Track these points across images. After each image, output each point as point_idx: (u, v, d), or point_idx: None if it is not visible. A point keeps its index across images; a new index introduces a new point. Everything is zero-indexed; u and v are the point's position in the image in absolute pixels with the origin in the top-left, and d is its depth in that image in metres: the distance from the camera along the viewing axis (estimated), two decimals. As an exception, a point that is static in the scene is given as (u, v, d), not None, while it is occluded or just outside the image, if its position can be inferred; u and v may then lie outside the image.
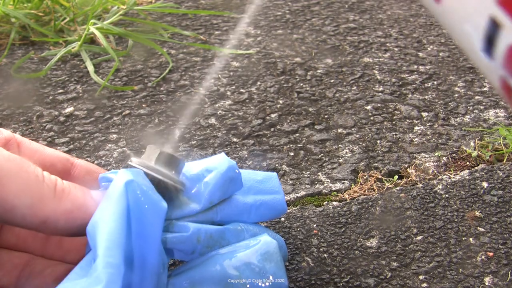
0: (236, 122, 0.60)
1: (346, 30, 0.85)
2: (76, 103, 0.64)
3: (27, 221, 0.26)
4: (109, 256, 0.25)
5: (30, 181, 0.26)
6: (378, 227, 0.44)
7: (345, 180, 0.50)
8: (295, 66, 0.73)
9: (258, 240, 0.32)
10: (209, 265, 0.31)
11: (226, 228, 0.34)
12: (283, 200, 0.38)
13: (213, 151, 0.55)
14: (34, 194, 0.26)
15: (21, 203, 0.25)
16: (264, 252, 0.32)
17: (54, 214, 0.26)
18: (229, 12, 0.91)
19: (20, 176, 0.26)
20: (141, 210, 0.27)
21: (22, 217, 0.26)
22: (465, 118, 0.61)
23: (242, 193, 0.36)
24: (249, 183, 0.37)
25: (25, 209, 0.26)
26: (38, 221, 0.26)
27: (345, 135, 0.58)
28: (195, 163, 0.36)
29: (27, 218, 0.26)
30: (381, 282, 0.39)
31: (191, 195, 0.33)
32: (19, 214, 0.26)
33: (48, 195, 0.26)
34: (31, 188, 0.26)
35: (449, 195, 0.48)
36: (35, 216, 0.26)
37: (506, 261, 0.41)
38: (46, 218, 0.26)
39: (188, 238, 0.31)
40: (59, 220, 0.27)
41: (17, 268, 0.31)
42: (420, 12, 0.92)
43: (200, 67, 0.73)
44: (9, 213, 0.25)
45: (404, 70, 0.72)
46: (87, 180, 0.33)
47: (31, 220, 0.26)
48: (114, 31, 0.79)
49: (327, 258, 0.41)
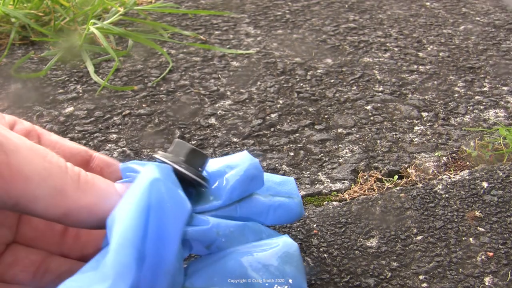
0: (236, 122, 0.60)
1: (346, 30, 0.85)
2: (76, 103, 0.64)
3: (49, 212, 0.25)
4: (121, 253, 0.24)
5: (53, 171, 0.25)
6: (378, 227, 0.44)
7: (345, 180, 0.50)
8: (295, 66, 0.73)
9: (278, 242, 0.32)
10: (228, 262, 0.30)
11: (245, 224, 0.33)
12: (300, 204, 0.38)
13: (213, 151, 0.55)
14: (57, 185, 0.25)
15: (44, 193, 0.25)
16: (284, 254, 0.31)
17: (77, 205, 0.26)
18: (229, 12, 0.91)
19: (43, 166, 0.25)
20: (163, 209, 0.26)
21: (44, 208, 0.25)
22: (465, 118, 0.61)
23: (262, 192, 0.36)
24: (268, 184, 0.37)
25: (48, 199, 0.25)
26: (60, 212, 0.26)
27: (345, 135, 0.58)
28: (217, 160, 0.35)
29: (49, 209, 0.25)
30: (381, 282, 0.39)
31: (212, 190, 0.33)
32: (41, 204, 0.25)
33: (71, 186, 0.26)
34: (54, 179, 0.25)
35: (449, 195, 0.48)
36: (57, 207, 0.25)
37: (506, 261, 0.41)
38: (68, 210, 0.26)
39: (208, 230, 0.31)
40: (82, 212, 0.26)
41: (34, 264, 0.30)
42: (420, 12, 0.92)
43: (200, 67, 0.73)
44: (31, 204, 0.25)
45: (404, 70, 0.72)
46: (106, 173, 0.33)
47: (53, 212, 0.25)
48: (114, 31, 0.79)
49: (327, 258, 0.41)
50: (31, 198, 0.25)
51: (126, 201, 0.26)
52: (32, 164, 0.25)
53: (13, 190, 0.24)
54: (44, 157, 0.25)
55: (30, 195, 0.24)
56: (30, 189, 0.24)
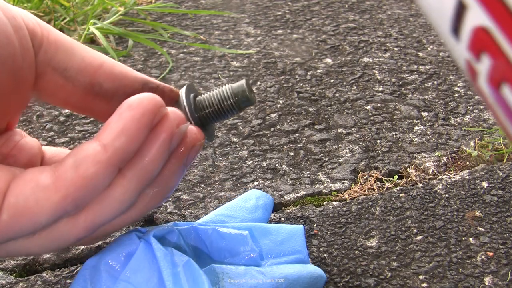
0: (236, 122, 0.60)
1: (346, 30, 0.85)
2: (76, 103, 0.64)
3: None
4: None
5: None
6: (378, 227, 0.44)
7: (345, 180, 0.50)
8: (295, 66, 0.73)
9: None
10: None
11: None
12: (314, 268, 0.36)
13: (213, 151, 0.55)
14: None
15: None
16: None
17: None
18: (229, 12, 0.91)
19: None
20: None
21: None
22: (465, 118, 0.61)
23: (261, 260, 0.35)
24: (266, 243, 0.35)
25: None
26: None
27: (345, 135, 0.58)
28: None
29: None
30: (381, 282, 0.39)
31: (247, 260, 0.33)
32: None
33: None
34: None
35: (449, 195, 0.48)
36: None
37: (506, 261, 0.41)
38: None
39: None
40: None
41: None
42: (420, 12, 0.92)
43: (200, 67, 0.73)
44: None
45: (404, 70, 0.72)
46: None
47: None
48: (114, 31, 0.79)
49: (327, 258, 0.41)
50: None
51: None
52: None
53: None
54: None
55: None
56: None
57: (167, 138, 0.25)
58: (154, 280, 0.28)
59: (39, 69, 0.26)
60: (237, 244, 0.33)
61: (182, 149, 0.26)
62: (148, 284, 0.28)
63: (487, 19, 0.14)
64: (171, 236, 0.31)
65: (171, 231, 0.31)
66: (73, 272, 0.41)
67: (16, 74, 0.24)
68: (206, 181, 0.51)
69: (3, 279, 0.41)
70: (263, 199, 0.40)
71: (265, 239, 0.35)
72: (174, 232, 0.31)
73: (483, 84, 0.16)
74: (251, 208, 0.38)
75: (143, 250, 0.29)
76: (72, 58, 0.26)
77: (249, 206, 0.38)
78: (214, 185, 0.50)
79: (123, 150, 0.23)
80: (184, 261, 0.29)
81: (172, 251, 0.29)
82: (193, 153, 0.27)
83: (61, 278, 0.41)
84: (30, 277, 0.41)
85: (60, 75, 0.26)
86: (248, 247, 0.33)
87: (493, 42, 0.14)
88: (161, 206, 0.47)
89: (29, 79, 0.25)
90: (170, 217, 0.46)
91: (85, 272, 0.29)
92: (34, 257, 0.43)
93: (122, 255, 0.29)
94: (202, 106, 0.29)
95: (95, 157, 0.23)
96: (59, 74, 0.26)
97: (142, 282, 0.28)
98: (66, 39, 0.27)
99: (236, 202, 0.39)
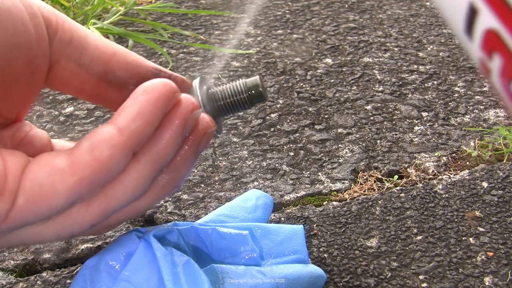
0: (236, 122, 0.60)
1: (346, 30, 0.85)
2: (76, 103, 0.64)
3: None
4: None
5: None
6: (378, 227, 0.44)
7: (345, 180, 0.50)
8: (295, 66, 0.73)
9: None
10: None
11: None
12: (313, 267, 0.36)
13: (213, 151, 0.55)
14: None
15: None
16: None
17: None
18: (229, 12, 0.91)
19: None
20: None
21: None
22: (465, 118, 0.61)
23: (262, 259, 0.35)
24: (266, 243, 0.36)
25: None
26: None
27: (345, 135, 0.58)
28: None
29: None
30: (381, 282, 0.39)
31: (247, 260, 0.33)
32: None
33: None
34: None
35: (449, 195, 0.48)
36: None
37: (506, 261, 0.41)
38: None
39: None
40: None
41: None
42: (420, 12, 0.92)
43: (200, 67, 0.73)
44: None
45: (404, 70, 0.72)
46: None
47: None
48: (114, 31, 0.79)
49: (327, 258, 0.41)
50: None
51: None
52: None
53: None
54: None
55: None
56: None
57: (181, 123, 0.25)
58: (154, 280, 0.28)
59: (53, 57, 0.26)
60: (237, 244, 0.33)
61: (194, 135, 0.26)
62: (148, 283, 0.28)
63: (496, 22, 0.15)
64: (171, 236, 0.31)
65: (171, 231, 0.31)
66: (73, 272, 0.41)
67: (31, 62, 0.24)
68: (206, 181, 0.51)
69: (3, 279, 0.41)
70: (263, 199, 0.40)
71: (265, 239, 0.35)
72: (174, 232, 0.31)
73: (496, 81, 0.17)
74: (251, 208, 0.38)
75: (143, 250, 0.29)
76: (86, 46, 0.26)
77: (249, 206, 0.38)
78: (214, 185, 0.50)
79: (138, 133, 0.23)
80: (184, 261, 0.29)
81: (172, 251, 0.29)
82: (205, 141, 0.27)
83: (61, 278, 0.41)
84: (30, 277, 0.41)
85: (74, 63, 0.26)
86: (248, 247, 0.33)
87: (502, 43, 0.15)
88: (161, 206, 0.47)
89: (43, 67, 0.25)
90: (170, 217, 0.46)
91: (85, 272, 0.29)
92: (34, 257, 0.43)
93: (122, 255, 0.29)
94: (215, 98, 0.30)
95: (110, 140, 0.23)
96: (73, 62, 0.26)
97: (142, 282, 0.28)
98: (80, 28, 0.27)
99: (236, 202, 0.39)
